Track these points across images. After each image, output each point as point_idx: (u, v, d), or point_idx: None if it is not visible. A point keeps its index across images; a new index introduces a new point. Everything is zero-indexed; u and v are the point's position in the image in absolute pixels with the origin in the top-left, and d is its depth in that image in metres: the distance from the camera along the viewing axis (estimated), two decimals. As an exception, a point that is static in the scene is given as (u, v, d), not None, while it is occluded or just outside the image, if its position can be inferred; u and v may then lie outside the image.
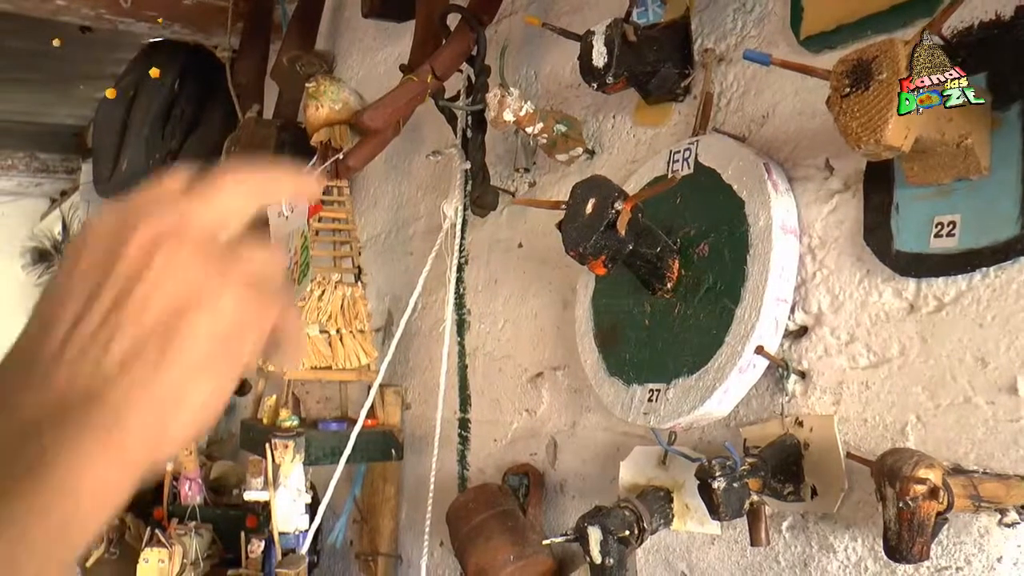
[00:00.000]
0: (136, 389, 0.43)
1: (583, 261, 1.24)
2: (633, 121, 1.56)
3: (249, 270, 0.47)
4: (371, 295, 2.18)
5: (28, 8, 2.73)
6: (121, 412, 0.42)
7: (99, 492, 0.43)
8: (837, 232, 1.20)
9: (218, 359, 0.45)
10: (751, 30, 1.39)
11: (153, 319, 0.44)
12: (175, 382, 0.44)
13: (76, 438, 0.42)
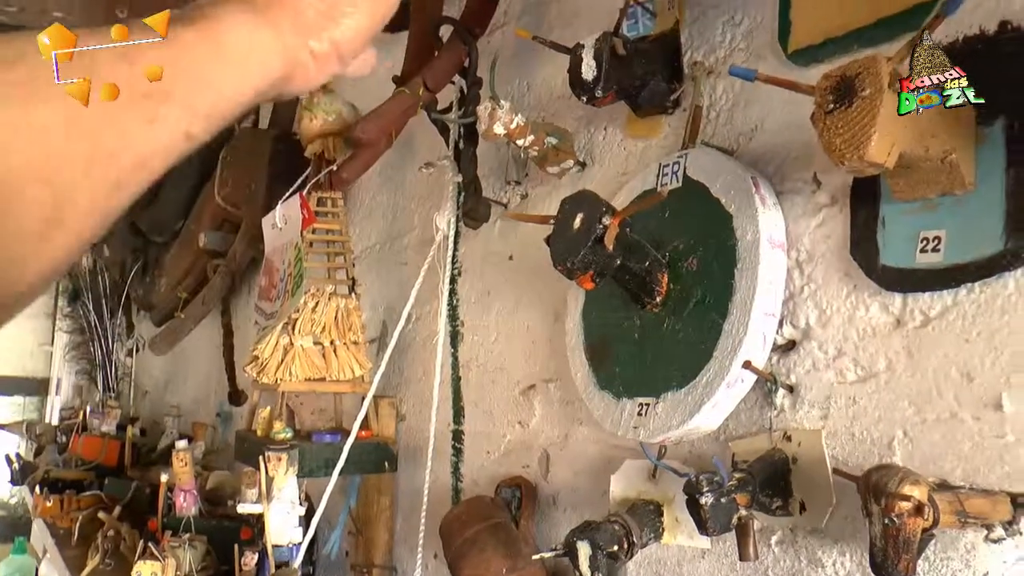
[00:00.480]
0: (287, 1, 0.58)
1: (571, 276, 1.24)
2: (624, 133, 1.57)
3: None
4: (365, 306, 2.18)
5: (26, 20, 2.74)
6: (272, 5, 0.58)
7: (252, 44, 0.55)
8: (824, 246, 1.20)
9: (364, 5, 0.61)
10: (740, 43, 1.39)
11: None
12: (321, 5, 0.59)
13: (238, 8, 0.56)
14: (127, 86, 0.46)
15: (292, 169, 2.19)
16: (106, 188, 0.46)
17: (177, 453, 2.33)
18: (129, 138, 0.47)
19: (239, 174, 2.51)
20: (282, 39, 0.58)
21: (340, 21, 0.61)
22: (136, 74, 0.47)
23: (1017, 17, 1.05)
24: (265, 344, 1.97)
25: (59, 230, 0.44)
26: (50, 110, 0.43)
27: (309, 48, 0.60)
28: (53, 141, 0.43)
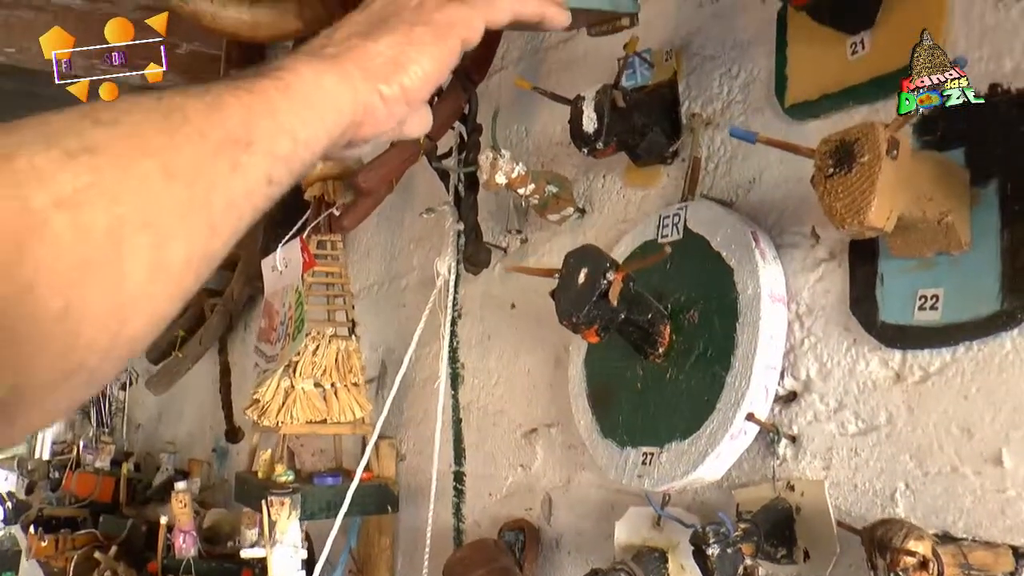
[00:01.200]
0: (355, 49, 0.63)
1: (576, 330, 1.26)
2: (623, 182, 1.59)
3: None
4: (364, 346, 2.19)
5: (25, 60, 2.76)
6: (339, 54, 0.62)
7: (324, 91, 0.59)
8: (824, 301, 1.23)
9: (425, 40, 0.64)
10: (737, 95, 1.42)
11: (373, 18, 0.65)
12: (385, 47, 0.63)
13: (308, 59, 0.60)
14: (214, 134, 0.50)
15: (290, 210, 2.21)
16: (203, 234, 0.49)
17: (176, 495, 2.33)
18: (218, 184, 0.50)
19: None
20: (352, 85, 0.61)
21: (408, 68, 0.64)
22: (222, 122, 0.51)
23: (1007, 80, 1.08)
24: (266, 387, 1.98)
25: (161, 277, 0.46)
26: (150, 161, 0.45)
27: (379, 92, 0.62)
28: (153, 188, 0.45)
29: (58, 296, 0.41)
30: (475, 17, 0.68)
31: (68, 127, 0.44)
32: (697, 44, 1.50)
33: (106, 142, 0.44)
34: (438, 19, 0.66)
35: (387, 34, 0.64)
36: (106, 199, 0.43)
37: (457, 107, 1.73)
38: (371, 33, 0.64)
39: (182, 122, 0.48)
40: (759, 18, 1.39)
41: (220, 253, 0.51)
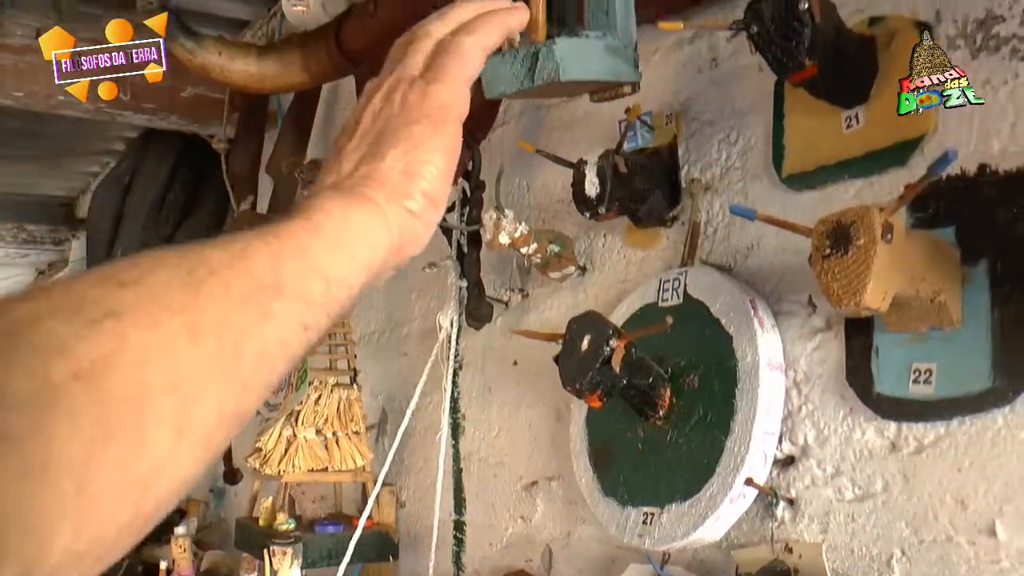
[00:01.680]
0: (369, 176, 0.61)
1: (579, 396, 1.30)
2: (623, 242, 1.63)
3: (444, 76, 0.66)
4: (365, 392, 2.22)
5: (30, 103, 2.79)
6: (357, 185, 0.60)
7: (355, 226, 0.58)
8: (821, 369, 1.26)
9: (427, 137, 0.63)
10: (735, 161, 1.46)
11: (369, 137, 0.64)
12: (394, 160, 0.62)
13: (332, 196, 0.59)
14: (240, 284, 0.48)
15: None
16: (233, 390, 0.47)
17: (176, 539, 2.34)
18: (249, 336, 0.48)
19: (238, 258, 2.55)
20: (381, 212, 0.59)
21: (423, 172, 0.62)
22: (248, 270, 0.49)
23: (995, 161, 1.12)
24: (268, 436, 2.00)
25: (188, 441, 0.44)
26: (176, 321, 0.44)
27: (407, 210, 0.61)
28: (179, 349, 0.44)
29: (74, 474, 0.39)
30: (457, 87, 0.65)
31: (91, 290, 0.43)
32: (696, 109, 1.54)
33: (130, 304, 0.43)
34: (429, 109, 0.63)
35: (390, 148, 0.62)
36: (129, 365, 0.41)
37: (461, 164, 1.77)
38: (376, 153, 0.62)
39: (207, 275, 0.47)
40: (757, 87, 1.43)
41: (253, 409, 0.49)
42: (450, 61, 0.66)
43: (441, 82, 0.65)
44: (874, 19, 1.29)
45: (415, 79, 0.65)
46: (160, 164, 3.24)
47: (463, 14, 0.70)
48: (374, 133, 0.63)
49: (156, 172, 3.23)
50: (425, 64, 0.66)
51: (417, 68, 0.66)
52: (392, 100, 0.65)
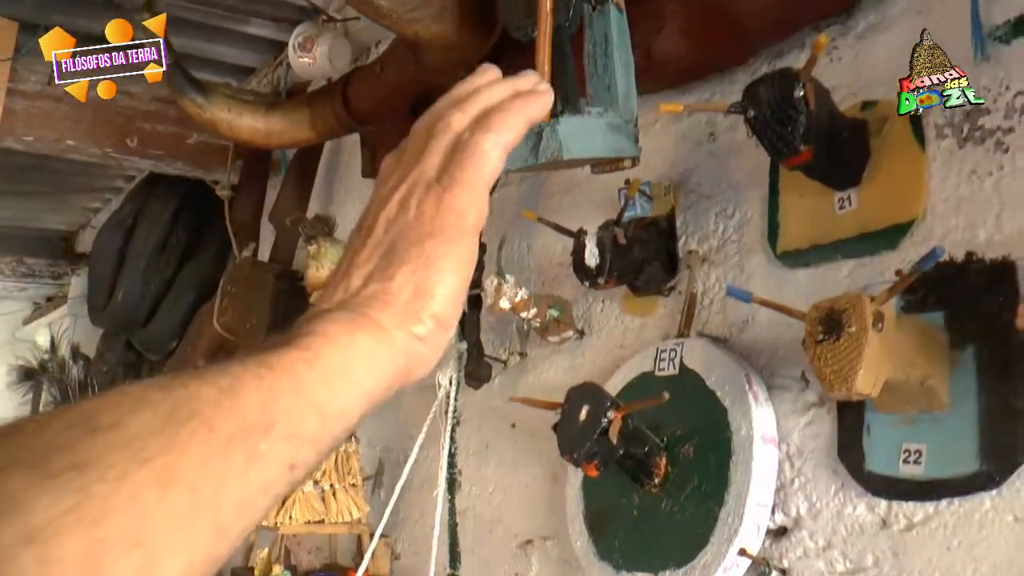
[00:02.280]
0: (377, 296, 0.56)
1: (577, 465, 1.32)
2: (621, 308, 1.66)
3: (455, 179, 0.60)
4: (362, 443, 2.24)
5: (40, 147, 2.83)
6: (363, 305, 0.56)
7: (358, 356, 0.53)
8: (813, 444, 1.29)
9: (440, 255, 0.58)
10: (732, 235, 1.50)
11: (381, 250, 0.59)
12: (404, 280, 0.57)
13: (336, 319, 0.53)
14: (226, 425, 0.45)
15: (294, 310, 2.27)
16: (207, 540, 0.44)
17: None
18: (229, 482, 0.44)
19: (240, 306, 2.58)
20: (388, 339, 0.55)
21: (435, 293, 0.57)
22: (237, 409, 0.46)
23: (982, 249, 1.16)
24: (266, 488, 2.01)
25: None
26: (146, 470, 0.41)
27: (415, 336, 0.56)
28: (147, 502, 0.41)
29: None
30: (475, 193, 0.60)
31: (62, 436, 0.41)
32: (694, 181, 1.59)
33: (98, 454, 0.40)
34: (444, 221, 0.59)
35: (402, 264, 0.57)
36: (86, 524, 0.38)
37: (463, 227, 1.81)
38: (387, 269, 0.57)
39: (190, 416, 0.44)
40: (753, 162, 1.48)
41: (230, 552, 0.46)
42: (467, 164, 0.60)
43: (458, 187, 0.60)
44: (867, 103, 1.34)
45: (431, 183, 0.60)
46: (163, 207, 3.29)
47: (486, 98, 0.65)
48: (387, 244, 0.59)
49: (159, 215, 3.27)
50: (442, 165, 0.61)
51: (434, 169, 0.61)
52: (407, 207, 0.60)
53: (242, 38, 3.18)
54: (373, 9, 1.51)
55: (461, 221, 0.60)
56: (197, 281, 3.21)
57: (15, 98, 2.69)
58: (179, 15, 2.90)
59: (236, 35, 3.15)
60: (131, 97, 2.89)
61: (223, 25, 3.04)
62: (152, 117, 2.93)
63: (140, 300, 3.19)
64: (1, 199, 4.34)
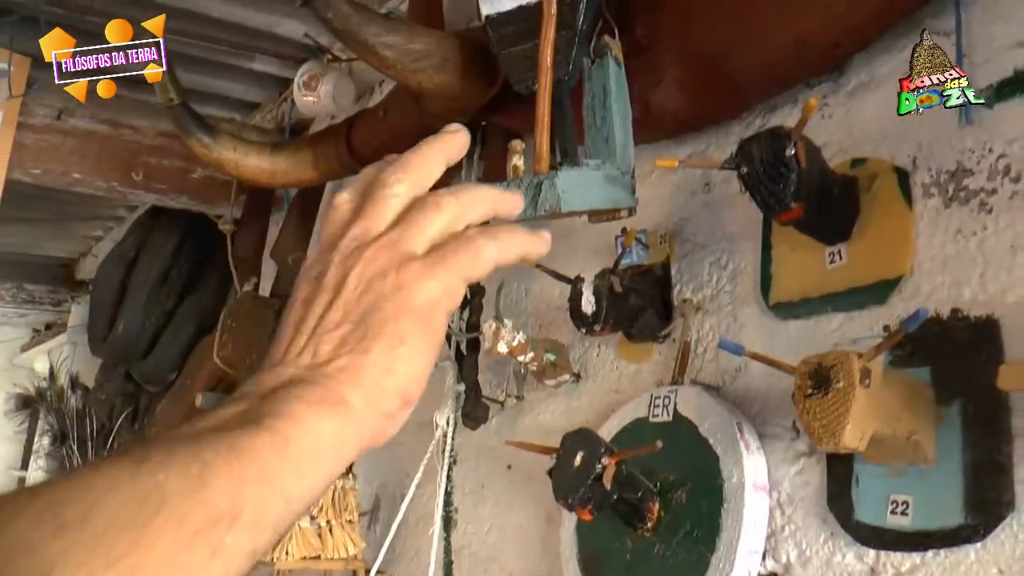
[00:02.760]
0: (346, 368, 0.54)
1: (571, 509, 1.35)
2: (617, 354, 1.70)
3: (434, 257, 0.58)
4: (359, 479, 2.25)
5: (46, 180, 2.87)
6: (333, 379, 0.53)
7: (325, 438, 0.51)
8: (803, 492, 1.32)
9: (414, 335, 0.56)
10: (726, 284, 1.54)
11: (354, 315, 0.56)
12: (378, 356, 0.54)
13: (304, 396, 0.51)
14: (194, 518, 0.45)
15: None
16: None
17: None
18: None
19: (240, 340, 2.61)
20: (356, 419, 0.54)
21: (405, 372, 0.56)
22: (205, 501, 0.45)
23: (967, 306, 1.20)
24: (263, 524, 2.03)
25: None
26: (111, 573, 0.41)
27: (383, 412, 0.56)
28: None
29: None
30: (457, 283, 0.59)
31: (27, 534, 0.41)
32: (689, 230, 1.62)
33: (61, 555, 0.40)
34: (421, 302, 0.57)
35: (376, 339, 0.55)
36: None
37: (463, 270, 1.84)
38: (361, 342, 0.56)
39: (159, 507, 0.43)
40: (746, 214, 1.52)
41: None
42: (461, 255, 0.59)
43: (443, 272, 0.59)
44: (856, 160, 1.38)
45: (414, 256, 0.58)
46: (166, 240, 3.32)
47: (477, 199, 0.64)
48: (360, 311, 0.56)
49: (162, 248, 3.31)
50: (429, 243, 0.60)
51: (418, 243, 0.60)
52: (385, 274, 0.57)
53: (248, 74, 3.24)
54: (378, 59, 1.55)
55: (439, 306, 0.59)
56: (197, 314, 3.24)
57: (24, 132, 2.73)
58: (187, 52, 2.96)
59: (242, 71, 3.20)
60: (136, 131, 2.94)
61: (229, 61, 3.10)
62: (157, 152, 2.98)
63: (140, 332, 3.21)
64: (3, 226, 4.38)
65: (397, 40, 1.53)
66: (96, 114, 2.86)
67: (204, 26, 2.82)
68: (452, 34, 1.66)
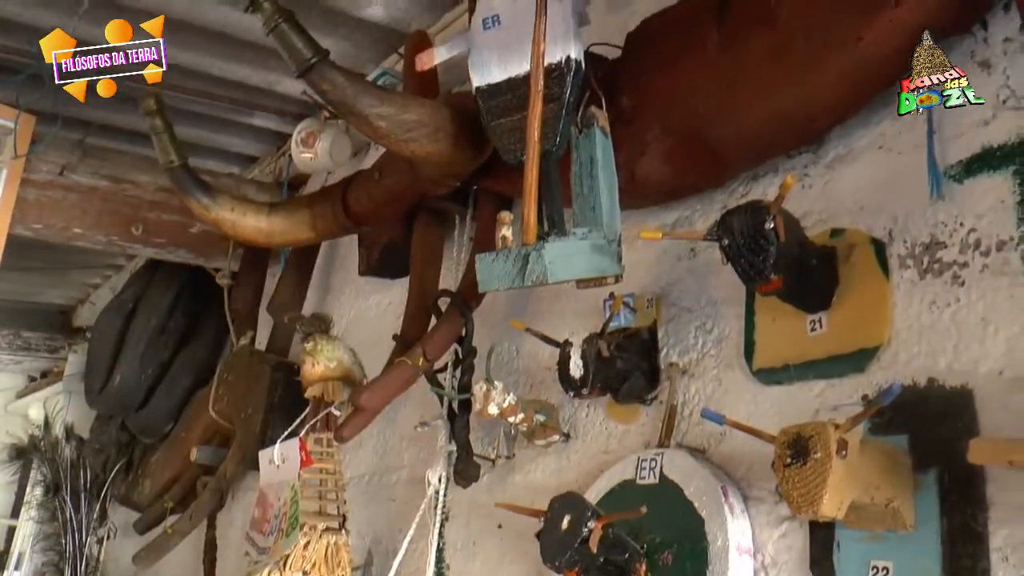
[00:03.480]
0: None
1: (559, 572, 1.37)
2: (605, 414, 1.72)
3: None
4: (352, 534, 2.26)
5: (48, 235, 2.91)
6: None
7: None
8: (787, 556, 1.34)
9: None
10: (711, 349, 1.57)
11: None
12: None
13: None
14: None
15: (289, 401, 2.33)
16: None
17: None
18: None
19: (235, 394, 2.64)
20: None
21: None
22: None
23: (942, 375, 1.23)
24: (256, 580, 2.04)
25: None
26: None
27: None
28: None
29: None
30: None
31: None
32: (675, 295, 1.66)
33: None
34: None
35: None
36: None
37: (455, 331, 1.88)
38: None
39: None
40: (730, 280, 1.54)
41: None
42: None
43: None
44: (835, 230, 1.42)
45: None
46: (164, 293, 3.36)
47: None
48: None
49: (160, 300, 3.34)
50: None
51: None
52: None
53: (247, 129, 3.30)
54: (372, 130, 1.60)
55: None
56: (193, 366, 3.27)
57: (27, 187, 2.77)
58: (188, 108, 3.03)
59: (241, 126, 3.27)
60: (137, 186, 2.98)
61: (229, 117, 3.16)
62: (157, 206, 3.02)
63: (137, 383, 3.24)
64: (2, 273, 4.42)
65: (391, 111, 1.58)
66: (98, 169, 2.91)
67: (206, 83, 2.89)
68: (444, 104, 1.71)
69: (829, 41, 1.31)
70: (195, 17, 2.50)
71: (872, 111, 1.41)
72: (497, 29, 1.58)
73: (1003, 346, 1.18)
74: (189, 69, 2.79)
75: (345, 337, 2.61)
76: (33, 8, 2.44)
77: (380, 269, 2.35)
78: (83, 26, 2.32)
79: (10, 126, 2.61)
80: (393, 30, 2.54)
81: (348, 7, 2.44)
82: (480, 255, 1.40)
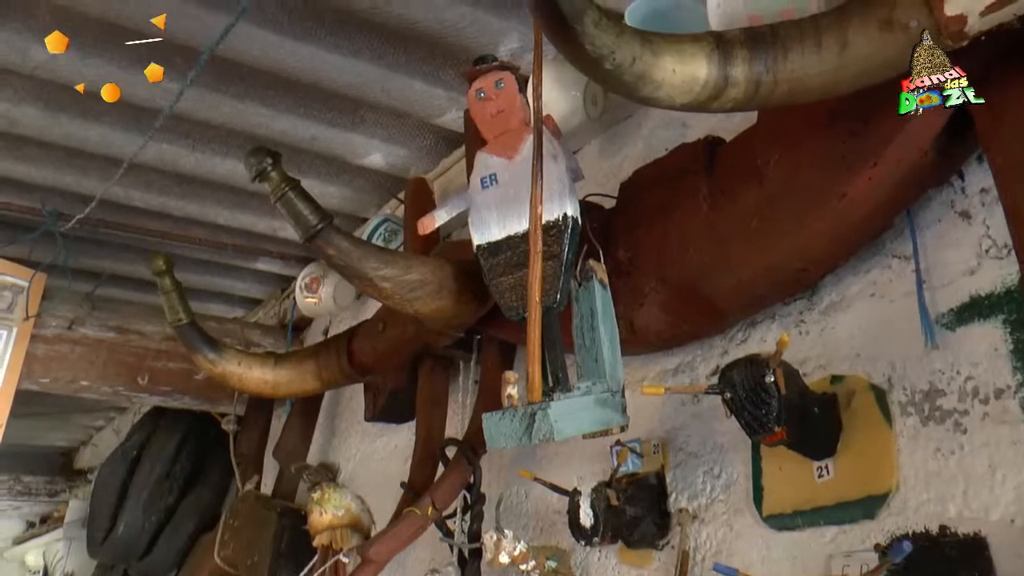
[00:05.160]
0: None
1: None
2: (618, 559, 1.71)
3: None
4: None
5: (54, 388, 2.93)
6: None
7: None
8: None
9: None
10: (720, 494, 1.58)
11: None
12: None
13: None
14: None
15: (296, 549, 2.30)
16: None
17: None
18: None
19: (242, 540, 2.61)
20: None
21: None
22: None
23: (953, 523, 1.23)
24: None
25: None
26: None
27: None
28: None
29: None
30: None
31: None
32: (681, 440, 1.67)
33: None
34: None
35: None
36: None
37: (463, 479, 1.89)
38: None
39: None
40: (734, 425, 1.53)
41: None
42: None
43: None
44: (835, 377, 1.45)
45: None
46: (169, 439, 3.36)
47: None
48: None
49: (164, 447, 3.34)
50: None
51: None
52: None
53: (251, 273, 3.38)
54: (376, 291, 1.65)
55: None
56: (198, 510, 3.24)
57: (36, 343, 2.81)
58: (194, 255, 3.11)
59: (246, 271, 3.35)
60: (144, 336, 3.03)
61: (234, 263, 3.24)
62: (163, 356, 3.05)
63: (141, 531, 3.20)
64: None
65: (394, 273, 1.63)
66: (106, 321, 2.96)
67: (212, 231, 2.97)
68: (447, 261, 1.77)
69: (814, 198, 1.36)
70: (204, 172, 2.60)
71: (862, 260, 1.46)
72: (495, 187, 1.64)
73: (1012, 493, 1.18)
74: (195, 219, 2.88)
75: (352, 480, 2.61)
76: (45, 168, 2.54)
77: (386, 414, 2.37)
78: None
79: (23, 285, 2.67)
80: (393, 176, 2.64)
81: (349, 156, 2.54)
82: (487, 414, 1.42)
